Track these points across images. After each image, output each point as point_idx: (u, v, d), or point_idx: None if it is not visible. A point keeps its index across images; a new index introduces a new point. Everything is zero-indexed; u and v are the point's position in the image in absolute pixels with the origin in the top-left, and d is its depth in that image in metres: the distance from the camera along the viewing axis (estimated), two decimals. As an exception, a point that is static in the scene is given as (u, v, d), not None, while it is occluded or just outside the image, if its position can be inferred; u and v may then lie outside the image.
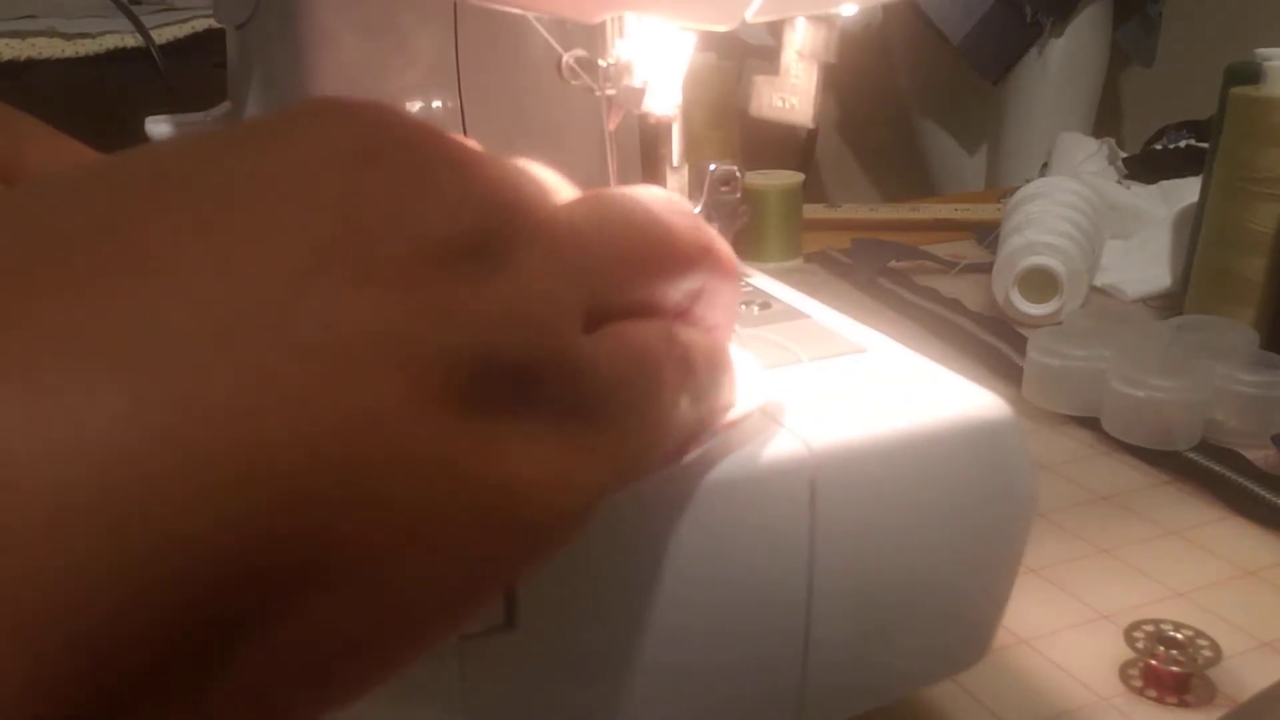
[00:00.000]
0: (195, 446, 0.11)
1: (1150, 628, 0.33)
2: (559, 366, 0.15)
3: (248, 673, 0.12)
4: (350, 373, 0.12)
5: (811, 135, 1.51)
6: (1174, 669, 0.31)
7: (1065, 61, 1.39)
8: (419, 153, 0.14)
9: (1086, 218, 0.65)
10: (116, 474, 0.10)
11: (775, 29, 0.30)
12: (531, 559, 0.15)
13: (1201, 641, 0.32)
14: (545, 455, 0.15)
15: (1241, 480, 0.43)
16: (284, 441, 0.11)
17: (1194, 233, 0.60)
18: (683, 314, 0.19)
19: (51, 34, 1.05)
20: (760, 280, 0.34)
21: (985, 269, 0.67)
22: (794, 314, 0.30)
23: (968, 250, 0.76)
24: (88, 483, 0.10)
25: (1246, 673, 0.32)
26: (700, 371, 0.19)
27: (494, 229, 0.14)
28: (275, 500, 0.11)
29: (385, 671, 0.14)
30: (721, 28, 0.27)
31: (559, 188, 0.18)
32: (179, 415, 0.11)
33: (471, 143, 0.16)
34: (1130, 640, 0.33)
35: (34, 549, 0.10)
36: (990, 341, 0.57)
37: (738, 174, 0.33)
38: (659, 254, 0.18)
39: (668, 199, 0.19)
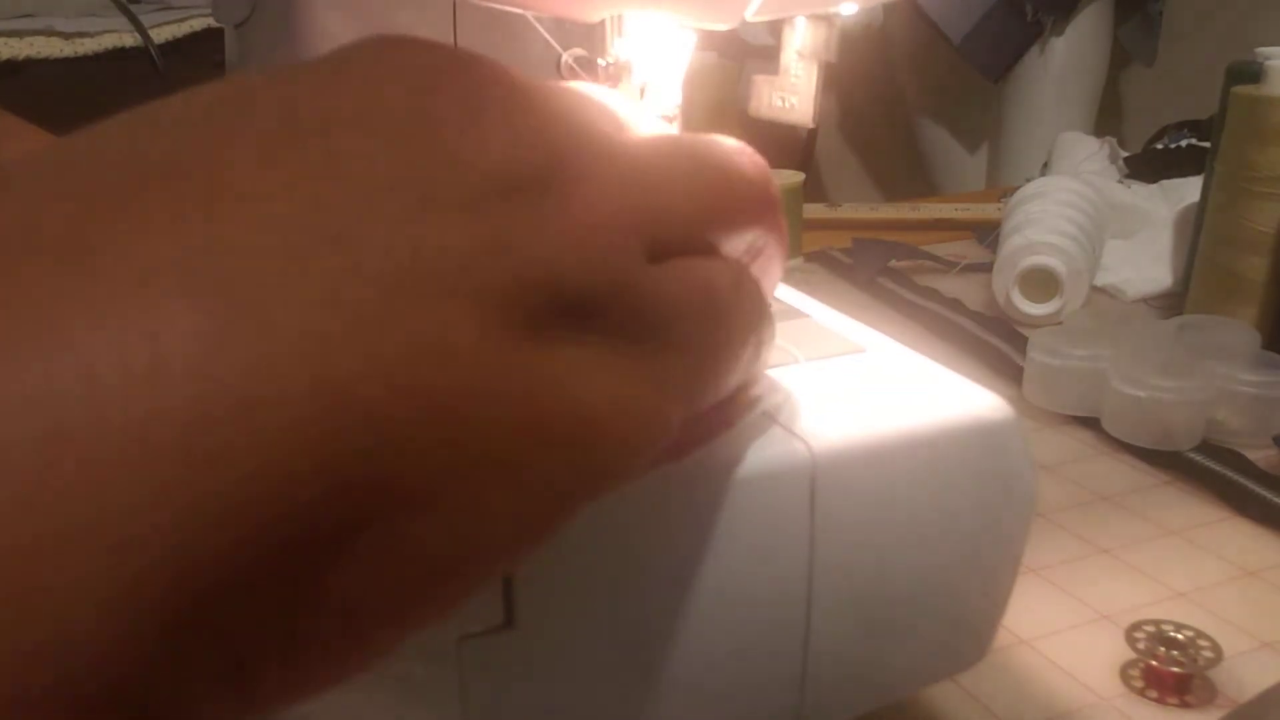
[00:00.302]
0: (278, 374, 0.11)
1: (1151, 628, 0.33)
2: (623, 295, 0.15)
3: (334, 597, 0.12)
4: (421, 301, 0.12)
5: (811, 135, 1.51)
6: (1175, 669, 0.31)
7: (1066, 61, 1.39)
8: (479, 83, 0.14)
9: (1087, 217, 0.65)
10: (204, 401, 0.11)
11: (775, 29, 0.29)
12: (601, 488, 0.15)
13: (1202, 642, 0.32)
14: (612, 384, 0.15)
15: (1243, 480, 0.43)
16: (360, 369, 0.12)
17: (1195, 232, 0.60)
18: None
19: (49, 33, 1.05)
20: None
21: (986, 269, 0.67)
22: (793, 314, 0.30)
23: (968, 250, 0.76)
24: (176, 411, 0.10)
25: (1247, 673, 0.32)
26: (766, 319, 0.19)
27: (555, 158, 0.14)
28: (355, 427, 0.11)
29: (460, 596, 0.14)
30: (721, 27, 0.26)
31: (634, 122, 0.18)
32: (261, 343, 0.11)
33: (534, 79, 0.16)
34: (1131, 641, 0.32)
35: (125, 476, 0.10)
36: (991, 341, 0.57)
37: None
38: (728, 199, 0.18)
39: (743, 150, 0.18)
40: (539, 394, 0.13)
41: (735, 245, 0.18)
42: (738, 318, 0.18)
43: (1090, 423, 0.49)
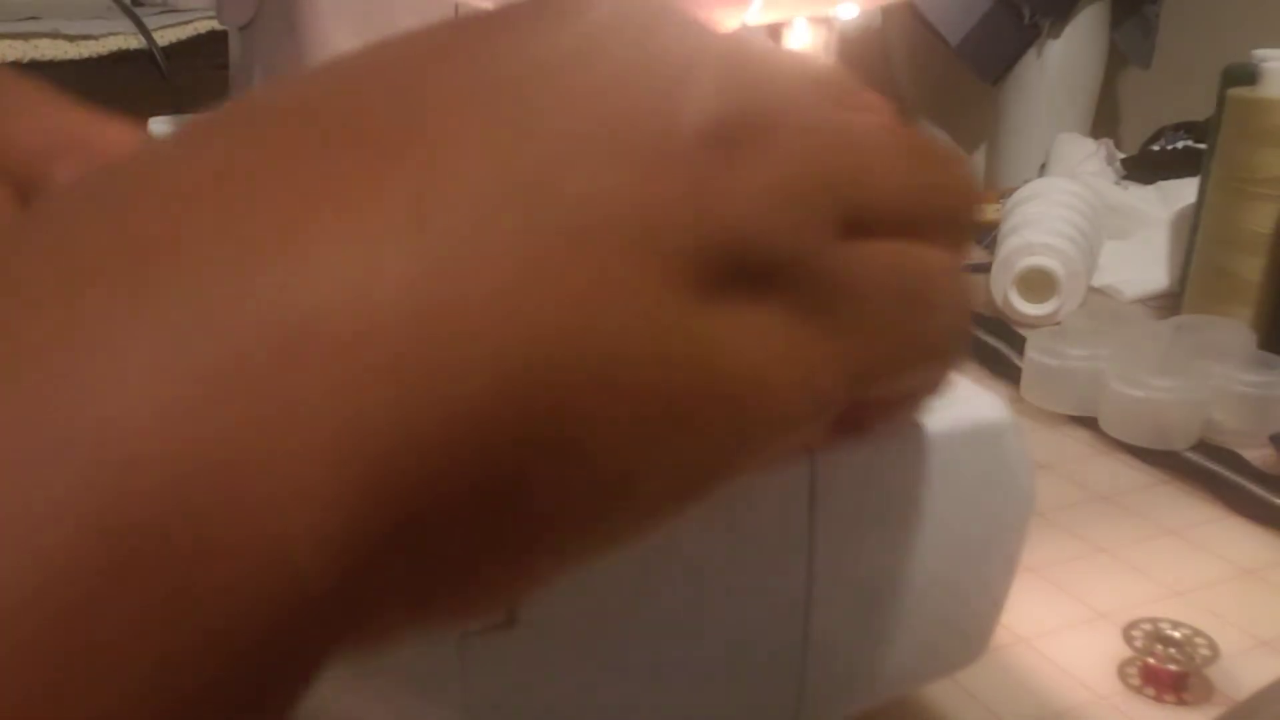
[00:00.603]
0: (472, 315, 0.12)
1: (1148, 626, 0.33)
2: (809, 264, 0.15)
3: (509, 534, 0.13)
4: (606, 255, 0.13)
5: (810, 136, 1.50)
6: (1172, 667, 0.31)
7: (1063, 63, 1.39)
8: (688, 35, 0.14)
9: (1085, 218, 0.65)
10: (405, 335, 0.11)
11: (775, 30, 0.30)
12: (761, 453, 0.15)
13: (1199, 640, 0.32)
14: (782, 353, 0.14)
15: (1239, 480, 0.43)
16: (545, 319, 0.12)
17: (1192, 233, 0.61)
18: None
19: (54, 36, 1.05)
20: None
21: (984, 269, 0.68)
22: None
23: (966, 251, 0.76)
24: (380, 341, 0.11)
25: (1244, 671, 0.32)
26: (962, 325, 0.18)
27: (759, 117, 0.14)
28: (536, 375, 0.12)
29: (613, 546, 0.14)
30: (722, 30, 0.27)
31: (857, 99, 0.18)
32: (458, 284, 0.12)
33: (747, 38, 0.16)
34: (1128, 639, 0.33)
35: (352, 385, 0.11)
36: (989, 341, 0.57)
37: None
38: (940, 192, 0.17)
39: (955, 149, 0.19)
40: (708, 354, 0.14)
41: (940, 240, 0.17)
42: (934, 314, 0.17)
43: (1088, 422, 0.49)
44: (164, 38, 1.03)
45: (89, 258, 0.11)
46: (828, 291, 0.15)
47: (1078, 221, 0.65)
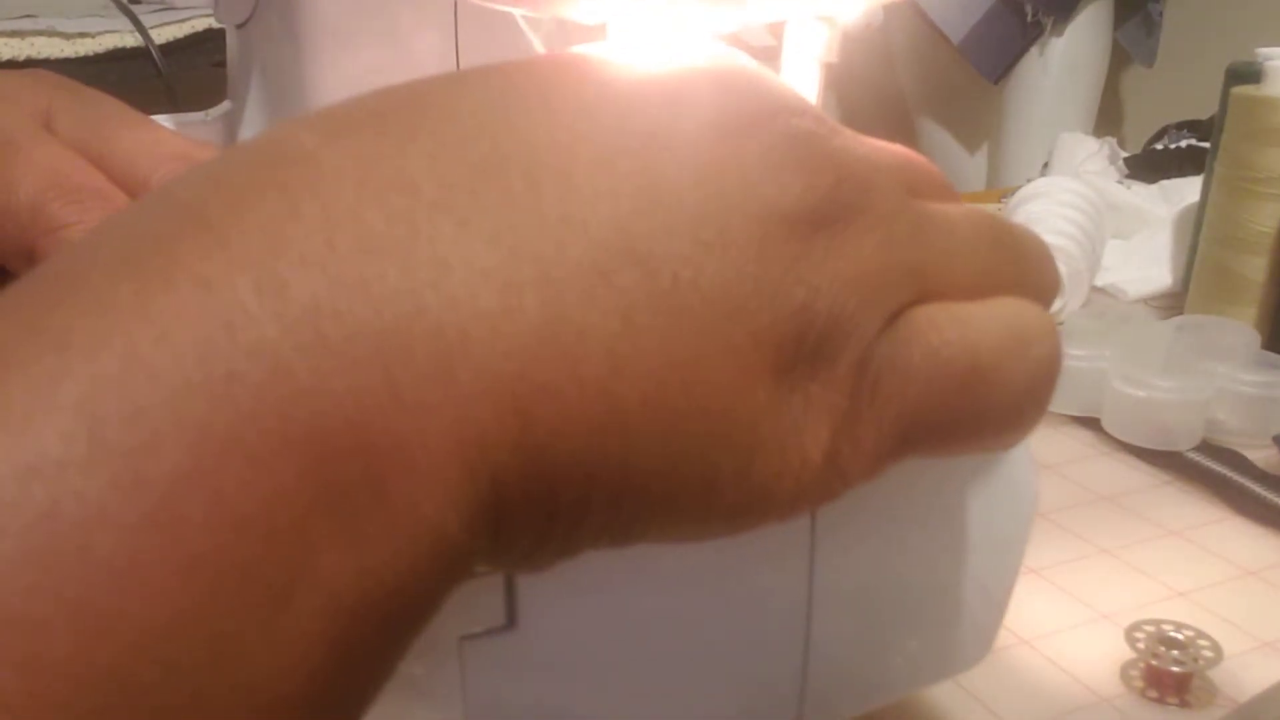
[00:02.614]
0: (589, 359, 0.13)
1: (1151, 628, 0.33)
2: (870, 344, 0.15)
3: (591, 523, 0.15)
4: (695, 331, 0.14)
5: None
6: (1175, 669, 0.31)
7: (1066, 61, 1.39)
8: (793, 126, 0.15)
9: (1087, 217, 0.65)
10: (531, 360, 0.13)
11: (775, 29, 0.30)
12: (795, 515, 0.16)
13: (1202, 642, 0.32)
14: (820, 441, 0.15)
15: (1242, 480, 0.43)
16: (645, 380, 0.13)
17: (1195, 232, 0.60)
18: None
19: (51, 33, 1.05)
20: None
21: (986, 269, 0.67)
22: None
23: (968, 250, 0.76)
24: (509, 361, 0.13)
25: (1247, 673, 0.32)
26: (1034, 413, 0.18)
27: (841, 204, 0.15)
28: (601, 417, 0.13)
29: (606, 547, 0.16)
30: (722, 28, 0.27)
31: (931, 183, 0.18)
32: (578, 329, 0.13)
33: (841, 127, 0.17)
34: (1131, 640, 0.32)
35: (464, 406, 0.13)
36: (991, 341, 0.57)
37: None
38: (1017, 285, 0.17)
39: (1044, 246, 0.19)
40: (762, 439, 0.15)
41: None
42: (994, 393, 0.16)
43: (1090, 423, 0.49)
44: (161, 35, 1.02)
45: None
46: (883, 366, 0.15)
47: (1080, 221, 0.64)
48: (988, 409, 0.17)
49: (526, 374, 0.13)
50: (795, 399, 0.15)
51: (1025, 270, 0.18)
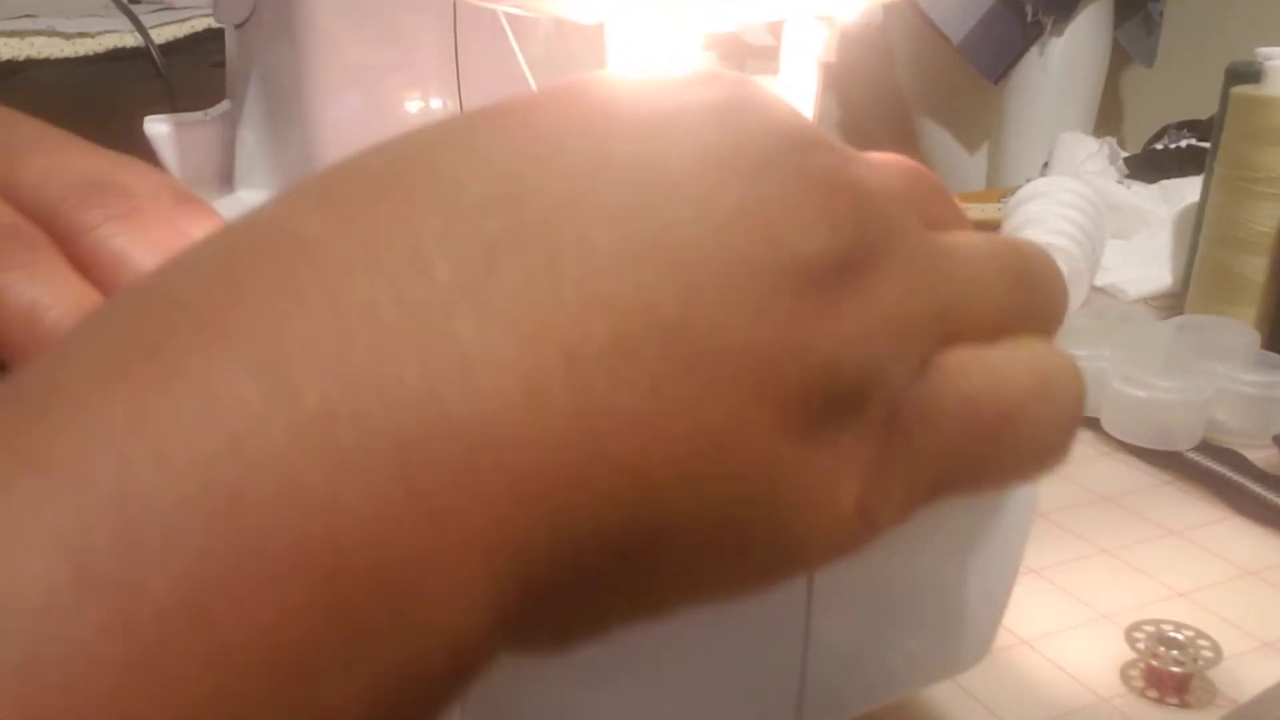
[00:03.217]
0: (617, 437, 0.13)
1: (1151, 628, 0.33)
2: (895, 391, 0.15)
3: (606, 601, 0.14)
4: (723, 398, 0.13)
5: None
6: (1175, 669, 0.31)
7: (1066, 61, 1.39)
8: (807, 165, 0.15)
9: (1087, 217, 0.65)
10: (554, 450, 0.12)
11: (775, 29, 0.29)
12: (773, 584, 0.15)
13: (1202, 642, 0.32)
14: (850, 494, 0.15)
15: (1242, 480, 0.43)
16: (650, 448, 0.13)
17: (1195, 232, 0.60)
18: None
19: (51, 33, 1.05)
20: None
21: (986, 269, 0.67)
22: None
23: (968, 250, 0.76)
24: (523, 455, 0.12)
25: (1247, 673, 0.32)
26: (1059, 453, 0.17)
27: (861, 251, 0.14)
28: (622, 485, 0.13)
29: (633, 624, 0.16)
30: (722, 27, 0.26)
31: (941, 207, 0.18)
32: (605, 409, 0.13)
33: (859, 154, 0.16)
34: (1131, 641, 0.32)
35: (482, 507, 0.12)
36: (991, 341, 0.57)
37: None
38: (1036, 314, 0.17)
39: (1046, 259, 0.18)
40: (793, 496, 0.14)
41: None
42: (1019, 435, 0.16)
43: (1090, 423, 0.48)
44: (161, 35, 1.02)
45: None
46: (913, 415, 0.15)
47: (1080, 220, 0.64)
48: (1017, 454, 0.16)
49: (555, 467, 0.12)
50: (826, 453, 0.14)
51: (1040, 303, 0.18)
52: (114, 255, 0.23)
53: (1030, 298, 0.17)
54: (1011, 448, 0.16)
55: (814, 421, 0.14)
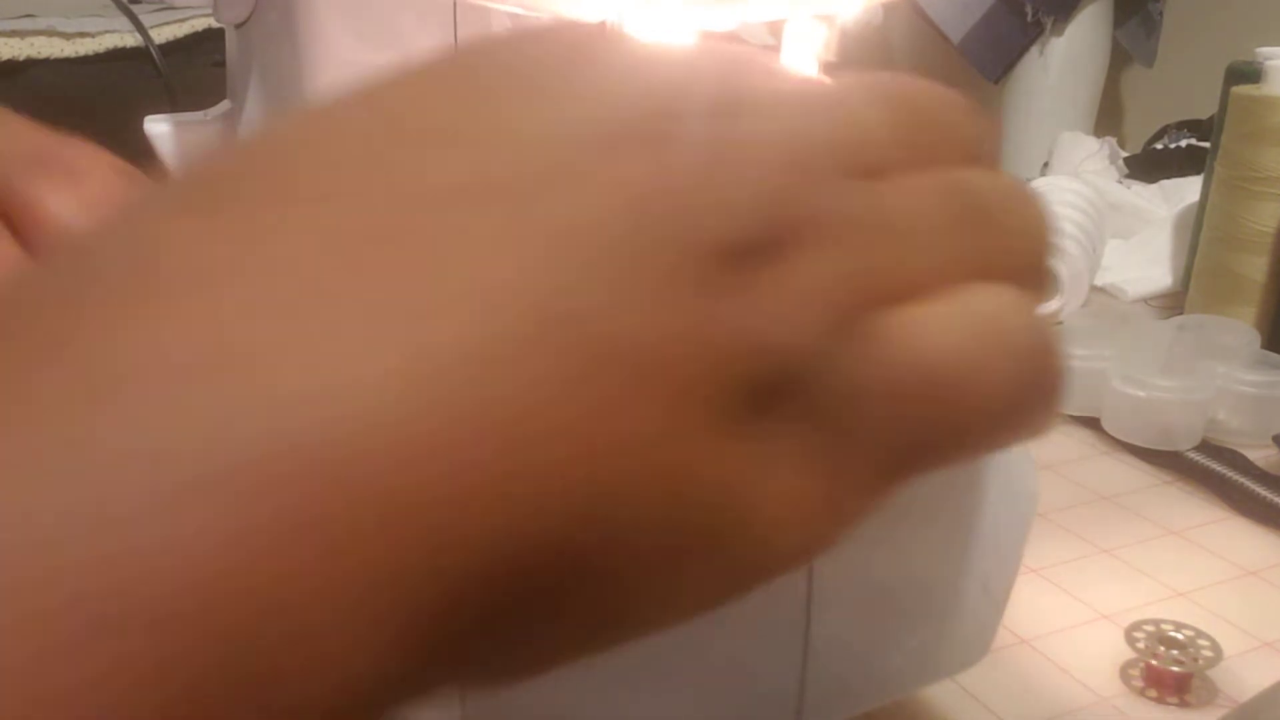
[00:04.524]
0: (493, 438, 0.11)
1: (1151, 628, 0.33)
2: (825, 379, 0.13)
3: (521, 635, 0.13)
4: (629, 393, 0.12)
5: (812, 135, 1.51)
6: (1175, 669, 0.31)
7: (1066, 61, 1.39)
8: (720, 128, 0.13)
9: (1087, 217, 0.65)
10: (434, 468, 0.11)
11: (775, 29, 0.29)
12: (752, 588, 0.14)
13: (1202, 641, 0.32)
14: (790, 485, 0.14)
15: (1242, 480, 0.43)
16: (565, 451, 0.12)
17: (1195, 232, 0.60)
18: None
19: (50, 33, 1.05)
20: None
21: (986, 268, 0.67)
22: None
23: (968, 250, 0.76)
24: (410, 475, 0.11)
25: (1247, 673, 0.32)
26: (1046, 400, 0.16)
27: (781, 225, 0.13)
28: (544, 492, 0.12)
29: (598, 651, 0.14)
30: (722, 26, 0.26)
31: (946, 143, 0.16)
32: (476, 420, 0.11)
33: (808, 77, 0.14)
34: (1131, 640, 0.32)
35: (369, 539, 0.11)
36: (991, 341, 0.57)
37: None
38: (1005, 246, 0.16)
39: (1030, 206, 0.17)
40: (711, 497, 0.13)
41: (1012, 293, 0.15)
42: (982, 414, 0.15)
43: (1090, 422, 0.49)
44: (161, 35, 1.02)
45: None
46: (848, 404, 0.14)
47: (1080, 220, 0.64)
48: (969, 417, 0.15)
49: (441, 482, 0.11)
50: (770, 444, 0.13)
51: (1003, 243, 0.16)
52: (59, 226, 0.23)
53: (983, 242, 0.15)
54: (959, 412, 0.14)
55: (745, 413, 0.13)
